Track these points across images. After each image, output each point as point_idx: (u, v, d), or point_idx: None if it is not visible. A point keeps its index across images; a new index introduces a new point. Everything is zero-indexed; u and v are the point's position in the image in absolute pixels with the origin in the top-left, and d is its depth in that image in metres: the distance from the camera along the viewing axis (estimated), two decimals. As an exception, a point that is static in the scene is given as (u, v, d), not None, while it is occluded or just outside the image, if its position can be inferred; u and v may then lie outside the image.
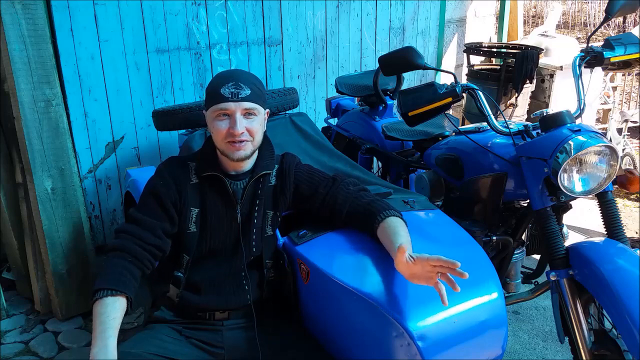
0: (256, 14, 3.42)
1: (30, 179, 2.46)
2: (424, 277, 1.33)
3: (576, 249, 1.72)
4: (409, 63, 1.82)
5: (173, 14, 3.13)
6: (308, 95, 3.85)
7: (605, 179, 1.71)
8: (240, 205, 1.63)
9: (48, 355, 2.42)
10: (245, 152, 1.56)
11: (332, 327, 1.55)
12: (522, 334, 2.50)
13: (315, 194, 1.67)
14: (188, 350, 1.60)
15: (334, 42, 3.85)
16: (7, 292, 2.83)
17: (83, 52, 2.90)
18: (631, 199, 3.91)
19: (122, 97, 3.08)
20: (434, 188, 2.22)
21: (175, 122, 2.37)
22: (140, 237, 1.52)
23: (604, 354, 1.67)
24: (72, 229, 2.58)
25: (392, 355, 1.34)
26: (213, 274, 1.64)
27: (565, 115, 1.74)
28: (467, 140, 1.98)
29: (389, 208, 1.60)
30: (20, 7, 2.31)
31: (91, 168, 3.09)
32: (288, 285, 1.68)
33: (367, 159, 2.88)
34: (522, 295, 2.05)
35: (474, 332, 1.40)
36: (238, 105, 1.53)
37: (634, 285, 1.54)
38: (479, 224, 1.93)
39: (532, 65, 3.75)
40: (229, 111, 1.53)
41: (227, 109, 1.53)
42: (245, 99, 1.53)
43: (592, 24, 9.31)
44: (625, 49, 1.97)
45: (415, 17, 4.23)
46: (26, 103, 2.37)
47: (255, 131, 1.57)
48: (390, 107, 2.85)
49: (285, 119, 2.29)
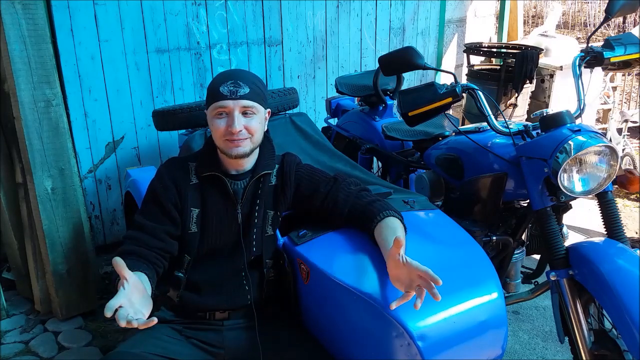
0: (256, 14, 3.42)
1: (30, 179, 2.46)
2: (407, 283, 1.31)
3: (576, 249, 1.72)
4: (409, 63, 1.82)
5: (173, 14, 3.13)
6: (308, 95, 3.85)
7: (605, 179, 1.71)
8: (241, 205, 1.63)
9: (48, 355, 2.42)
10: (243, 149, 1.56)
11: (332, 327, 1.55)
12: (522, 334, 2.50)
13: (316, 194, 1.67)
14: (188, 350, 1.60)
15: (334, 42, 3.85)
16: (7, 292, 2.83)
17: (83, 52, 2.91)
18: (631, 199, 3.91)
19: (122, 97, 3.08)
20: (434, 188, 2.22)
21: (175, 122, 2.37)
22: (146, 243, 1.53)
23: (604, 354, 1.67)
24: (72, 229, 2.58)
25: (392, 355, 1.34)
26: (213, 273, 1.64)
27: (565, 115, 1.74)
28: (467, 140, 1.98)
29: (389, 209, 1.59)
30: (20, 7, 2.31)
31: (91, 168, 3.09)
32: (288, 285, 1.68)
33: (367, 159, 2.88)
34: (522, 295, 2.05)
35: (474, 332, 1.40)
36: (236, 103, 1.53)
37: (634, 285, 1.54)
38: (479, 224, 1.93)
39: (532, 65, 3.75)
40: (227, 109, 1.54)
41: (225, 107, 1.53)
42: (244, 96, 1.53)
43: (592, 24, 9.31)
44: (625, 49, 1.97)
45: (415, 17, 4.23)
46: (26, 103, 2.37)
47: (254, 129, 1.57)
48: (390, 107, 2.85)
49: (285, 119, 2.29)
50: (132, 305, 1.21)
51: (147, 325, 1.16)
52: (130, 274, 1.26)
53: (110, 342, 2.46)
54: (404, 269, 1.32)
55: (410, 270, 1.30)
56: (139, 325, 1.15)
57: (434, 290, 1.24)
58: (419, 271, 1.28)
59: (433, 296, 1.24)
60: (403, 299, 1.29)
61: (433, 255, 1.58)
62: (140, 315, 1.21)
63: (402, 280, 1.33)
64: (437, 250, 1.61)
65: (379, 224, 1.54)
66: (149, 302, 1.30)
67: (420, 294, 1.27)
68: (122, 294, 1.20)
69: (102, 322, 2.63)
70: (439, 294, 1.25)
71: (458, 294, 1.41)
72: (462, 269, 1.51)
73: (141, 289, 1.29)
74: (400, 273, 1.33)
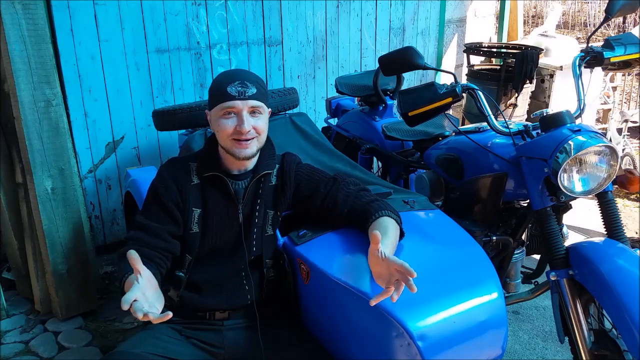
0: (256, 14, 3.42)
1: (30, 179, 2.46)
2: (386, 279, 1.31)
3: (576, 249, 1.73)
4: (409, 63, 1.82)
5: (173, 14, 3.13)
6: (308, 95, 3.85)
7: (605, 179, 1.71)
8: (242, 205, 1.63)
9: (48, 355, 2.42)
10: (251, 150, 1.57)
11: (332, 327, 1.55)
12: (522, 334, 2.50)
13: (316, 194, 1.67)
14: (188, 350, 1.60)
15: (334, 42, 3.85)
16: (7, 292, 2.83)
17: (83, 52, 2.91)
18: (631, 199, 3.91)
19: (122, 97, 3.08)
20: (434, 188, 2.22)
21: (175, 122, 2.37)
22: (149, 243, 1.53)
23: (604, 354, 1.67)
24: (72, 229, 2.58)
25: (392, 355, 1.34)
26: (213, 273, 1.64)
27: (565, 115, 1.74)
28: (467, 140, 1.98)
29: (386, 209, 1.59)
30: (20, 7, 2.31)
31: (91, 168, 3.09)
32: (288, 285, 1.68)
33: (367, 159, 2.88)
34: (522, 295, 2.05)
35: (474, 332, 1.40)
36: (245, 104, 1.54)
37: (634, 285, 1.54)
38: (479, 224, 1.93)
39: (532, 65, 3.75)
40: (236, 109, 1.54)
41: (234, 107, 1.54)
42: (252, 97, 1.54)
43: (592, 24, 9.30)
44: (625, 49, 1.97)
45: (415, 17, 4.23)
46: (26, 103, 2.37)
47: (261, 129, 1.58)
48: (390, 107, 2.85)
49: (285, 119, 2.29)
50: (146, 299, 1.23)
51: (161, 319, 1.17)
52: (144, 268, 1.27)
53: (110, 342, 2.46)
54: (383, 265, 1.32)
55: (389, 265, 1.30)
56: (153, 320, 1.16)
57: (410, 282, 1.23)
58: (396, 265, 1.28)
59: (409, 288, 1.23)
60: (383, 295, 1.27)
61: (433, 255, 1.59)
62: (155, 309, 1.23)
63: (383, 277, 1.32)
64: (437, 250, 1.61)
65: (372, 224, 1.55)
66: (161, 297, 1.31)
67: (398, 287, 1.26)
68: (136, 287, 1.21)
69: (102, 322, 2.63)
70: (438, 294, 1.25)
71: (458, 294, 1.41)
72: (462, 269, 1.51)
73: (154, 283, 1.31)
74: (380, 269, 1.33)
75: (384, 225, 1.52)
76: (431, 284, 1.40)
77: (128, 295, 1.18)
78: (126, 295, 1.17)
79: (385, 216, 1.56)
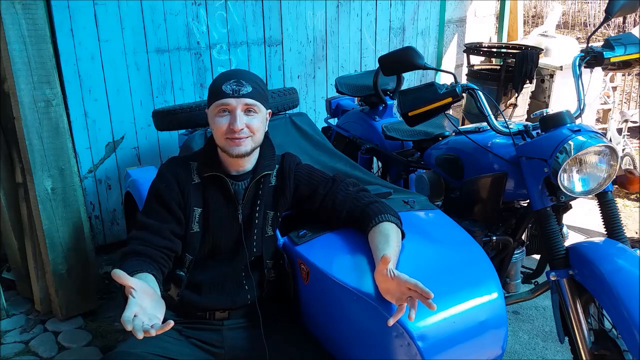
0: (256, 14, 3.42)
1: (30, 179, 2.46)
2: (396, 296, 1.31)
3: (576, 249, 1.72)
4: (409, 63, 1.82)
5: (173, 14, 3.13)
6: (308, 95, 3.85)
7: (605, 179, 1.71)
8: (242, 206, 1.63)
9: (48, 355, 2.42)
10: (245, 148, 1.56)
11: (332, 327, 1.55)
12: (522, 334, 2.50)
13: (315, 194, 1.67)
14: (188, 350, 1.60)
15: (334, 42, 3.85)
16: (7, 292, 2.83)
17: (83, 52, 2.91)
18: (631, 199, 3.91)
19: (122, 97, 3.09)
20: (434, 188, 2.22)
21: (175, 122, 2.37)
22: (151, 242, 1.52)
23: (604, 354, 1.67)
24: (72, 229, 2.58)
25: (392, 355, 1.34)
26: (213, 273, 1.64)
27: (565, 115, 1.74)
28: (467, 140, 1.98)
29: (386, 212, 1.58)
30: (20, 7, 2.31)
31: (91, 168, 3.09)
32: (288, 285, 1.68)
33: (367, 159, 2.88)
34: (522, 295, 2.05)
35: (474, 332, 1.40)
36: (239, 101, 1.54)
37: (634, 285, 1.54)
38: (479, 224, 1.93)
39: (532, 65, 3.75)
40: (230, 107, 1.54)
41: (227, 105, 1.54)
42: (246, 95, 1.54)
43: (592, 24, 9.30)
44: (625, 49, 1.97)
45: (415, 17, 4.23)
46: (26, 103, 2.37)
47: (255, 128, 1.57)
48: (390, 107, 2.85)
49: (285, 119, 2.29)
50: (145, 311, 1.21)
51: (163, 329, 1.15)
52: (134, 281, 1.25)
53: (110, 342, 2.46)
54: (392, 283, 1.32)
55: (400, 284, 1.30)
56: (156, 332, 1.15)
57: (429, 302, 1.24)
58: (409, 284, 1.28)
59: (428, 306, 1.24)
60: (398, 313, 1.28)
61: (433, 255, 1.59)
62: (156, 319, 1.21)
63: (392, 293, 1.33)
64: (437, 250, 1.61)
65: (372, 229, 1.54)
66: (161, 304, 1.29)
67: (413, 304, 1.27)
68: (133, 303, 1.20)
69: (102, 322, 2.63)
70: (438, 295, 1.25)
71: (458, 294, 1.41)
72: (462, 269, 1.51)
73: (151, 292, 1.29)
74: (389, 286, 1.34)
75: (385, 233, 1.51)
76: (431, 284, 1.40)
77: (126, 314, 1.16)
78: (125, 316, 1.16)
79: (386, 221, 1.55)
